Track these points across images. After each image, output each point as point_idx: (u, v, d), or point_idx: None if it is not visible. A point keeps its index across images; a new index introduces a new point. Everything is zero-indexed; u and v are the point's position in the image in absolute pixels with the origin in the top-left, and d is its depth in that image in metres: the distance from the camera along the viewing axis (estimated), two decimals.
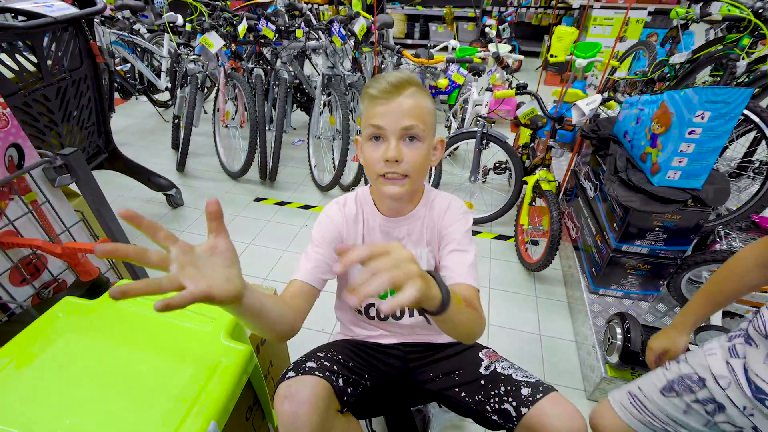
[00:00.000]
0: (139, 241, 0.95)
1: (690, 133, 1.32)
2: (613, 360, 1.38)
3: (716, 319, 1.49)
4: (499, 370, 0.83)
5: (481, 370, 0.85)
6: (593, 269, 1.73)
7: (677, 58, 2.22)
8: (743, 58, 1.81)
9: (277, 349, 1.27)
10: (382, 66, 3.08)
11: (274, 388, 1.25)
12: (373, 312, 0.95)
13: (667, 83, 2.29)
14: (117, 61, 3.79)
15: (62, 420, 0.66)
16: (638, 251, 1.56)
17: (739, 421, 0.78)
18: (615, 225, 1.59)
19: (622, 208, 1.54)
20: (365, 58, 3.17)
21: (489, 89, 2.19)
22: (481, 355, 0.88)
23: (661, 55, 2.60)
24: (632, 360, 1.32)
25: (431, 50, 2.95)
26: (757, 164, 1.86)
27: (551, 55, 4.44)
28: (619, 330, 1.37)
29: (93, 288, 1.01)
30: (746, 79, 1.90)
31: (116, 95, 3.86)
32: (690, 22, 2.26)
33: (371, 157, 0.77)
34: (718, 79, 2.26)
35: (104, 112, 2.01)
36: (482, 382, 0.83)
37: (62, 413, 0.67)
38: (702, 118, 1.28)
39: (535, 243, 2.17)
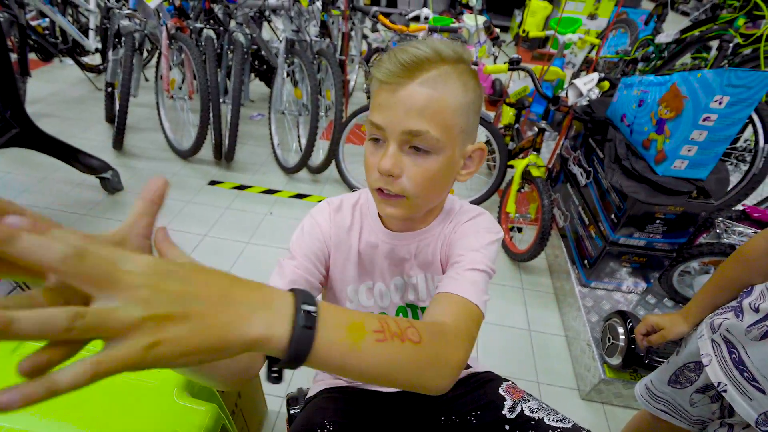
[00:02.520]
0: None
1: (704, 120, 1.21)
2: (615, 362, 1.30)
3: None
4: (527, 413, 0.68)
5: (505, 412, 0.69)
6: (585, 261, 1.65)
7: (663, 38, 2.13)
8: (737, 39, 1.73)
9: None
10: (352, 32, 2.78)
11: (244, 422, 1.05)
12: None
13: (652, 64, 2.21)
14: (32, 14, 3.18)
15: None
16: (635, 244, 1.48)
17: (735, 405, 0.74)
18: (612, 216, 1.49)
19: (621, 199, 1.44)
20: (332, 23, 2.85)
21: (474, 63, 2.00)
22: (501, 391, 0.72)
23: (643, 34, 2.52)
24: (637, 362, 1.24)
25: (406, 18, 2.69)
26: (740, 150, 1.83)
27: (523, 31, 4.31)
28: (621, 330, 1.29)
29: None
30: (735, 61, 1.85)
31: (33, 56, 3.26)
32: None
33: (368, 162, 0.57)
34: (700, 62, 2.21)
35: (10, 75, 1.60)
36: (507, 427, 0.67)
37: None
38: (720, 103, 1.17)
39: (519, 230, 2.07)
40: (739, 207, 1.66)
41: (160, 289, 0.26)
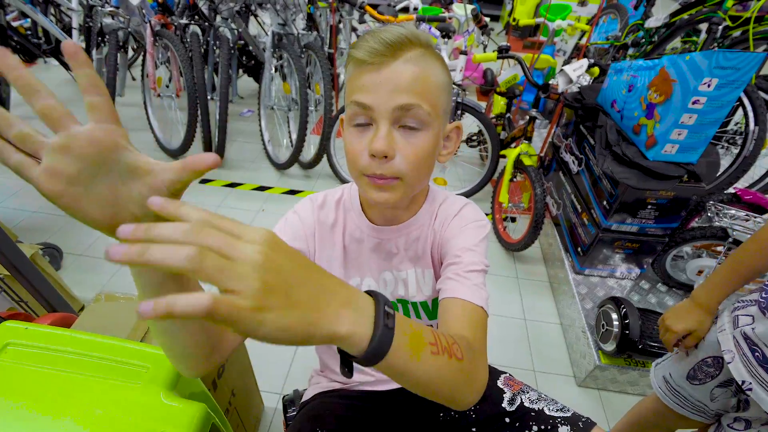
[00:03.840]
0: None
1: (693, 103, 1.21)
2: (609, 348, 1.30)
3: None
4: (527, 404, 0.68)
5: (505, 405, 0.69)
6: (579, 249, 1.65)
7: (653, 22, 2.12)
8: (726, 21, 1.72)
9: (239, 371, 1.05)
10: (340, 25, 2.75)
11: (239, 419, 1.05)
12: None
13: (642, 49, 2.19)
14: (14, 15, 3.12)
15: None
16: (628, 230, 1.48)
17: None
18: (604, 203, 1.49)
19: (612, 185, 1.43)
20: (320, 15, 2.81)
21: (463, 52, 1.98)
22: (500, 384, 0.72)
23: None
24: (630, 348, 1.24)
25: (395, 9, 2.65)
26: (731, 134, 1.83)
27: (513, 19, 4.27)
28: (615, 316, 1.29)
29: None
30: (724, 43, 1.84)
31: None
32: None
33: (353, 149, 0.54)
34: (690, 45, 2.20)
35: None
36: (507, 420, 0.67)
37: None
38: (708, 86, 1.16)
39: (512, 220, 2.06)
40: (731, 190, 1.66)
41: (270, 285, 0.28)
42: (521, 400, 0.68)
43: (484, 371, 0.49)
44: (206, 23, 2.41)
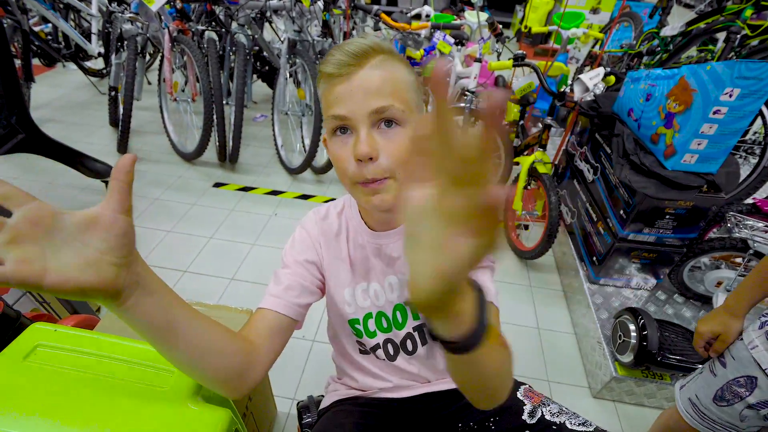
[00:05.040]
0: None
1: (714, 113, 1.19)
2: (626, 359, 1.29)
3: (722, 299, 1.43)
4: (548, 417, 0.67)
5: (525, 417, 0.68)
6: (594, 258, 1.63)
7: (669, 31, 2.11)
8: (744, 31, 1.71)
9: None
10: (354, 32, 2.77)
11: (255, 424, 1.05)
12: (382, 354, 0.75)
13: (657, 57, 2.18)
14: (35, 20, 3.19)
15: None
16: (645, 239, 1.47)
17: None
18: (621, 212, 1.48)
19: (629, 194, 1.42)
20: (333, 22, 2.84)
21: (478, 60, 1.98)
22: (520, 395, 0.71)
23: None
24: (649, 360, 1.23)
25: (407, 16, 2.68)
26: (749, 143, 1.81)
27: (525, 26, 4.28)
28: (633, 327, 1.28)
29: None
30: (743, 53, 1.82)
31: (36, 61, 3.27)
32: None
33: (339, 159, 0.56)
34: (707, 54, 2.18)
35: (15, 81, 1.61)
36: None
37: None
38: (730, 96, 1.15)
39: (525, 227, 2.05)
40: (749, 200, 1.64)
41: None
42: (542, 413, 0.68)
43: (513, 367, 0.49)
44: (223, 29, 2.45)
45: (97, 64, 3.38)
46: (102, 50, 3.07)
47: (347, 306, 0.71)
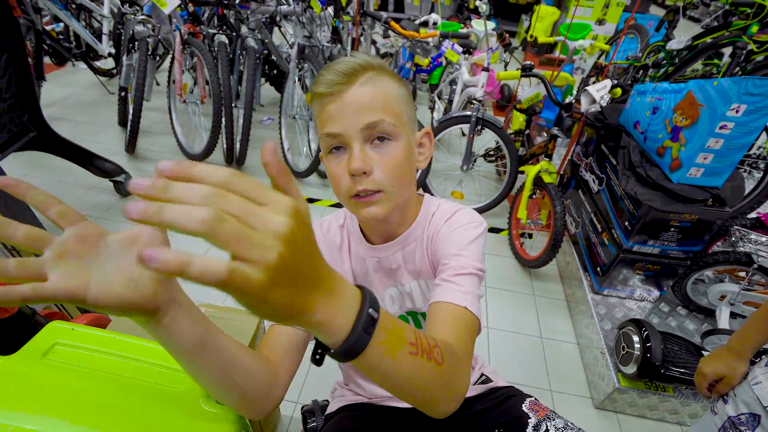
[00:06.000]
0: None
1: (721, 128, 1.21)
2: (630, 371, 1.29)
3: (724, 321, 1.44)
4: None
5: (529, 430, 0.68)
6: (598, 268, 1.64)
7: (675, 44, 2.13)
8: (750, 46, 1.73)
9: None
10: (362, 38, 2.80)
11: (260, 428, 1.06)
12: None
13: (663, 70, 2.20)
14: (47, 19, 3.23)
15: None
16: (649, 251, 1.48)
17: None
18: (626, 223, 1.49)
19: (635, 206, 1.43)
20: (342, 28, 2.86)
21: (485, 69, 2.01)
22: (525, 408, 0.72)
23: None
24: (652, 372, 1.23)
25: (415, 23, 2.70)
26: (753, 158, 1.82)
27: (531, 36, 4.31)
28: (636, 339, 1.28)
29: (8, 327, 0.75)
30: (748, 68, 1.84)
31: (47, 60, 3.31)
32: (689, 5, 2.17)
33: (335, 175, 0.57)
34: (712, 68, 2.20)
35: (29, 80, 1.63)
36: None
37: None
38: (737, 111, 1.17)
39: (529, 236, 2.06)
40: (754, 215, 1.65)
41: (285, 260, 0.26)
42: (546, 427, 0.68)
43: (466, 379, 0.48)
44: (233, 33, 2.47)
45: (107, 63, 3.42)
46: (112, 50, 3.10)
47: None
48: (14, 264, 0.32)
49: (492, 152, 2.45)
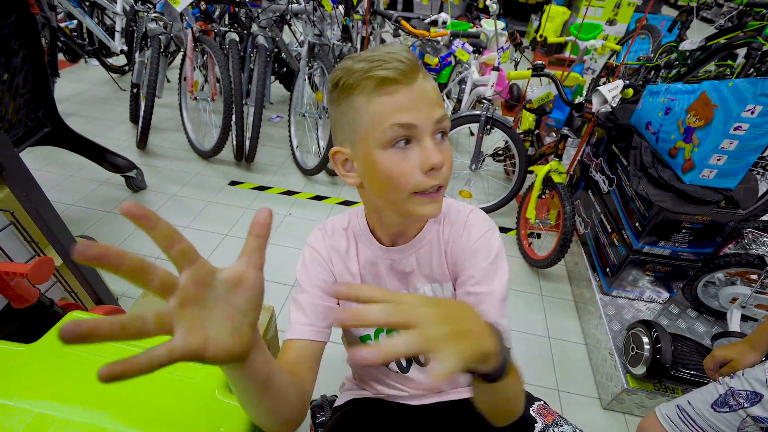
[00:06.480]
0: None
1: (735, 129, 1.20)
2: (639, 372, 1.28)
3: (735, 324, 1.43)
4: None
5: None
6: (607, 269, 1.63)
7: (688, 45, 2.11)
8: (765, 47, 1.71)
9: None
10: (372, 37, 2.80)
11: None
12: (395, 366, 0.75)
13: (676, 71, 2.18)
14: (61, 16, 3.27)
15: None
16: (660, 253, 1.47)
17: None
18: (636, 224, 1.48)
19: (646, 207, 1.43)
20: (352, 27, 2.87)
21: (496, 68, 2.00)
22: (533, 412, 0.72)
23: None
24: (662, 373, 1.22)
25: (425, 23, 2.70)
26: (767, 160, 1.80)
27: (541, 36, 4.29)
28: (646, 340, 1.28)
29: (29, 316, 0.76)
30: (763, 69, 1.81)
31: (60, 57, 3.35)
32: (703, 6, 2.14)
33: (402, 171, 0.52)
34: (725, 69, 2.18)
35: (44, 76, 1.65)
36: None
37: None
38: (752, 112, 1.16)
39: (537, 236, 2.06)
40: (767, 217, 1.63)
41: (448, 325, 0.37)
42: None
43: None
44: (244, 31, 2.49)
45: (119, 60, 3.45)
46: (125, 47, 3.14)
47: None
48: (153, 321, 0.31)
49: (501, 152, 2.45)
